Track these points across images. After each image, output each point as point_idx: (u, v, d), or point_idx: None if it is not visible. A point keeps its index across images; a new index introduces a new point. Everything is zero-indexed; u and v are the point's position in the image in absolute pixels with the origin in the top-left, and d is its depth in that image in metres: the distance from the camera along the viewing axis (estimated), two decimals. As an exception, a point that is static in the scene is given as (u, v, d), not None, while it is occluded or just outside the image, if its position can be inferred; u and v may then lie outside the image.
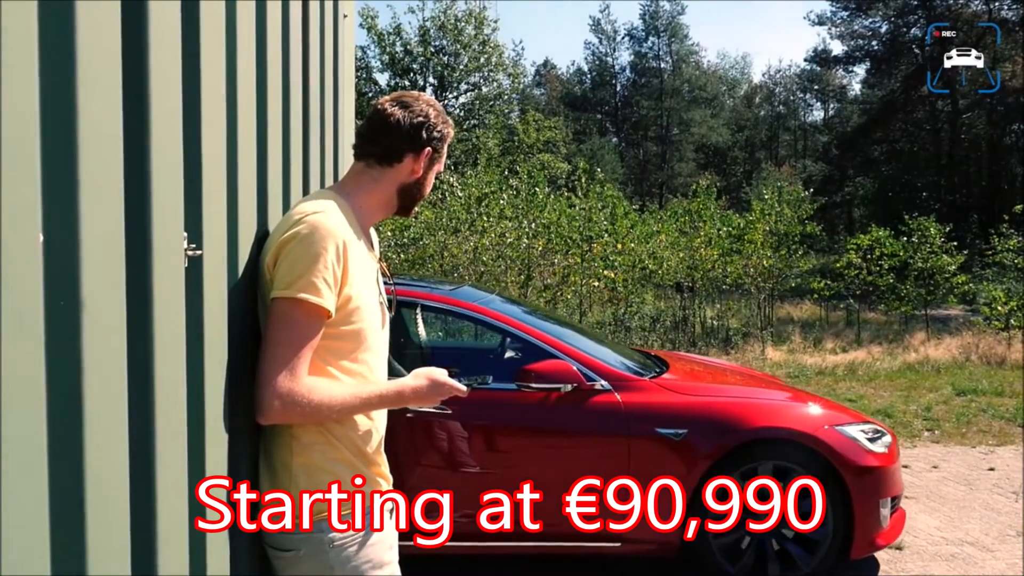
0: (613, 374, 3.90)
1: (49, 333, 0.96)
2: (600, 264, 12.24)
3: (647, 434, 3.76)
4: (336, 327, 1.70)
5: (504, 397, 3.83)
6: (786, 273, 14.46)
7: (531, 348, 3.96)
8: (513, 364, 4.24)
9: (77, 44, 1.01)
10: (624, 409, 3.79)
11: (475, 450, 3.79)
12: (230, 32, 1.57)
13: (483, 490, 3.66)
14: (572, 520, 3.70)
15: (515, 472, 3.74)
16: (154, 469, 1.26)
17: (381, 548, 1.79)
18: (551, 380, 3.76)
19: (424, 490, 3.67)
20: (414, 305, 4.12)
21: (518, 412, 3.83)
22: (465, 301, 4.21)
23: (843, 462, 3.82)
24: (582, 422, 3.81)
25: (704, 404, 3.89)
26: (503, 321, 4.11)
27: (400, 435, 3.67)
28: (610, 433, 3.78)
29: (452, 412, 3.68)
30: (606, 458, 3.76)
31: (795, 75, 52.66)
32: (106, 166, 1.09)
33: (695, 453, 3.76)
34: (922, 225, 14.48)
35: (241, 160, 1.63)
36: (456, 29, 29.96)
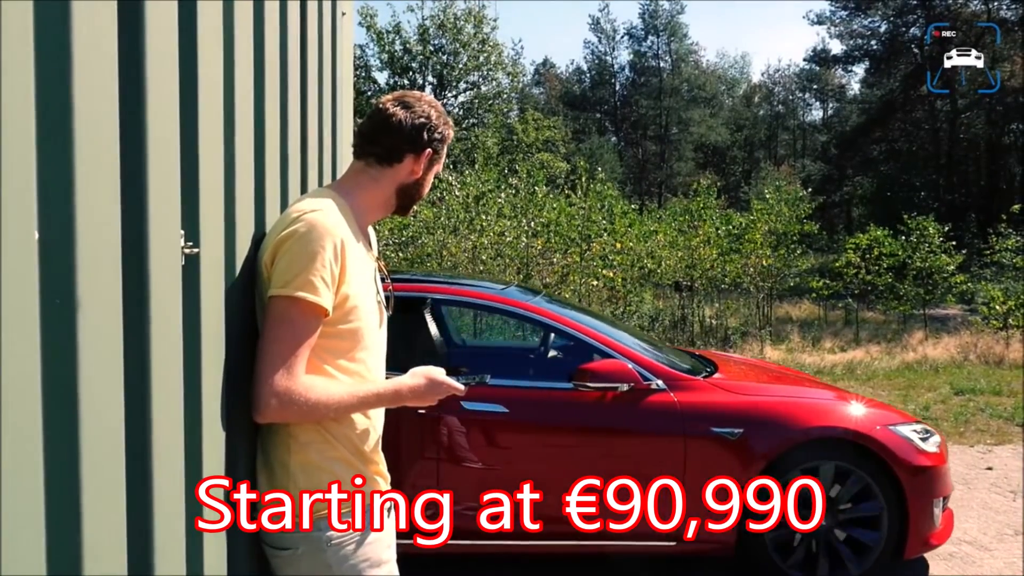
0: (668, 373, 3.91)
1: (45, 332, 0.96)
2: (599, 263, 12.23)
3: (703, 434, 3.77)
4: (334, 326, 1.70)
5: (559, 396, 3.85)
6: (785, 272, 14.47)
7: (587, 348, 3.98)
8: (560, 363, 4.25)
9: (73, 41, 1.00)
10: (680, 408, 3.79)
11: (529, 449, 3.81)
12: (227, 30, 1.57)
13: (537, 489, 3.69)
14: (633, 518, 3.73)
15: (569, 471, 3.76)
16: (151, 468, 1.26)
17: (379, 547, 1.78)
18: (608, 379, 3.76)
19: (484, 490, 3.71)
20: (468, 305, 4.13)
21: (574, 411, 3.84)
22: (520, 301, 4.26)
23: (898, 462, 3.82)
24: (638, 421, 3.82)
25: (759, 404, 3.90)
26: (558, 321, 4.13)
27: (454, 435, 3.73)
28: (666, 432, 3.78)
29: (509, 411, 3.72)
30: (662, 457, 3.77)
31: (794, 74, 52.72)
32: (102, 163, 1.09)
33: (751, 453, 3.76)
34: (921, 224, 14.49)
35: (238, 158, 1.63)
36: (455, 28, 29.96)
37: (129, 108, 1.17)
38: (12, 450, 0.89)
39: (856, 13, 36.98)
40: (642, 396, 3.80)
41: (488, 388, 3.75)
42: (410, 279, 4.40)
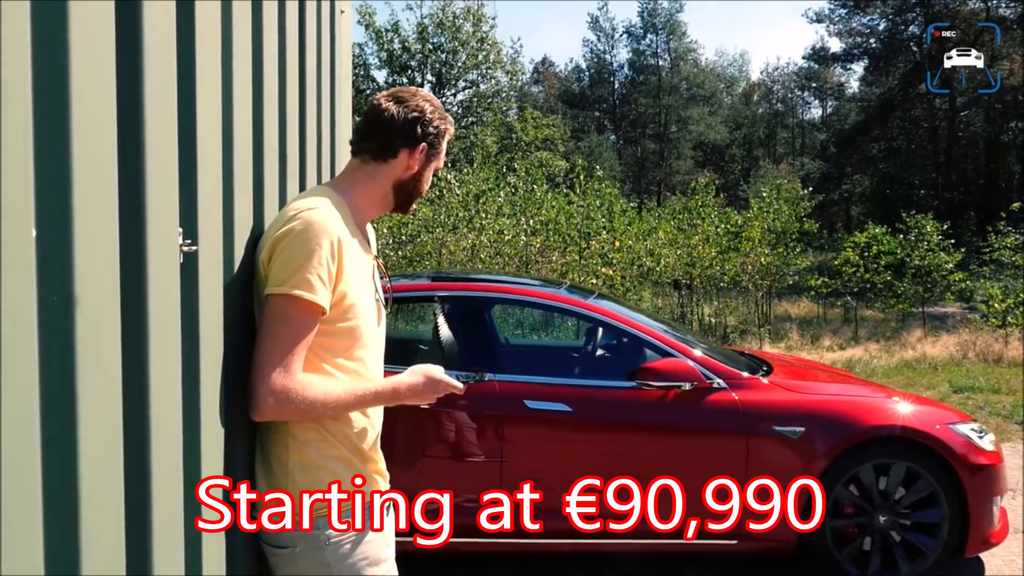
0: (728, 372, 3.93)
1: (42, 329, 0.96)
2: (598, 261, 12.23)
3: (765, 432, 3.79)
4: (331, 324, 1.69)
5: (622, 395, 3.86)
6: (784, 271, 14.47)
7: (648, 347, 3.99)
8: (618, 362, 4.28)
9: (70, 39, 1.00)
10: (741, 407, 3.81)
11: (592, 447, 3.84)
12: (226, 27, 1.56)
13: (600, 489, 3.74)
14: (697, 517, 3.76)
15: (631, 469, 3.78)
16: (149, 467, 1.25)
17: (378, 545, 1.78)
18: (671, 378, 3.78)
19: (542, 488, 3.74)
20: (530, 304, 4.15)
21: (636, 410, 3.85)
22: (580, 300, 4.29)
23: (959, 460, 3.83)
24: (700, 420, 3.83)
25: (820, 403, 3.92)
26: (619, 320, 4.14)
27: (518, 434, 3.76)
28: (728, 431, 3.80)
29: (572, 410, 3.75)
30: (724, 456, 3.79)
31: (793, 73, 52.67)
32: (100, 161, 1.08)
33: (813, 451, 3.78)
34: (919, 223, 14.49)
35: (237, 155, 1.62)
36: (454, 26, 29.95)
37: (127, 106, 1.17)
38: (10, 449, 0.89)
39: (855, 11, 36.97)
40: (704, 395, 3.82)
41: (551, 387, 3.82)
42: (470, 279, 4.45)
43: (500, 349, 4.14)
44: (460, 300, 4.12)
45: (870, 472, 3.86)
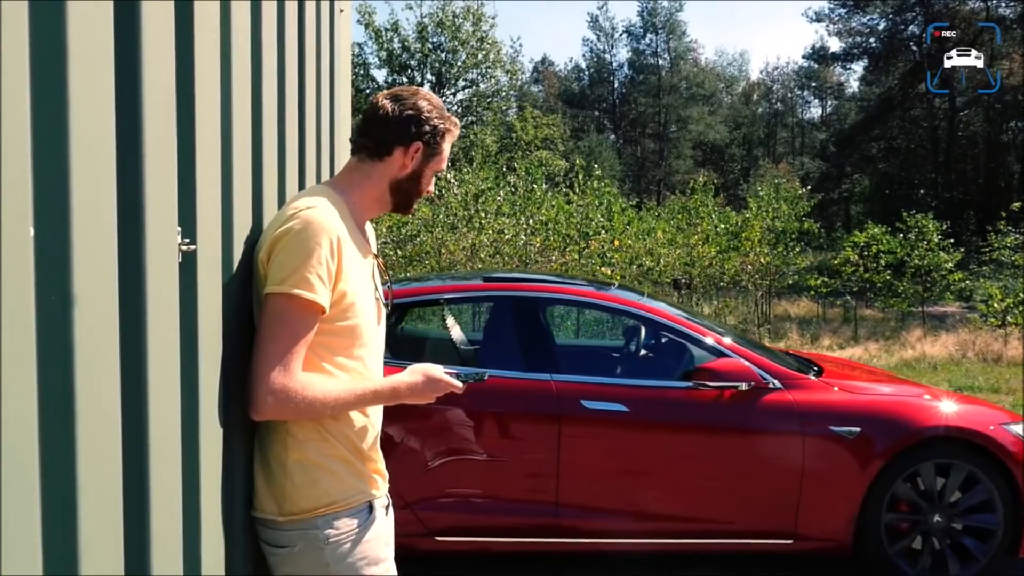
0: (783, 372, 3.94)
1: (40, 328, 0.95)
2: (597, 261, 12.23)
3: (821, 432, 3.79)
4: (331, 323, 1.69)
5: (678, 395, 3.88)
6: (783, 270, 14.48)
7: (703, 347, 4.02)
8: (672, 362, 4.31)
9: (68, 39, 1.00)
10: (797, 408, 3.82)
11: (649, 447, 3.85)
12: (224, 25, 1.56)
13: (657, 488, 3.81)
14: (749, 517, 3.81)
15: (688, 469, 3.83)
16: (148, 466, 1.25)
17: (377, 545, 1.78)
18: (729, 379, 3.79)
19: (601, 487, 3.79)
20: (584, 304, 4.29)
21: (693, 410, 3.87)
22: (634, 300, 4.32)
23: (1015, 460, 3.84)
24: (757, 420, 3.85)
25: (875, 403, 3.93)
26: (673, 320, 4.16)
27: (575, 434, 3.77)
28: (785, 431, 3.82)
29: (630, 410, 3.78)
30: (781, 456, 3.81)
31: (793, 72, 52.66)
32: (99, 160, 1.08)
33: (869, 451, 3.79)
34: (919, 222, 14.50)
35: (236, 155, 1.62)
36: (454, 26, 29.95)
37: (126, 105, 1.16)
38: (8, 449, 0.88)
39: (855, 11, 36.97)
40: (760, 395, 3.83)
41: (608, 387, 3.85)
42: (522, 279, 4.46)
43: (556, 349, 4.15)
44: (515, 301, 4.16)
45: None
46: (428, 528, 3.73)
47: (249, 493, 1.76)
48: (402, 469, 3.70)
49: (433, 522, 3.73)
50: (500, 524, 3.77)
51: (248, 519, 1.76)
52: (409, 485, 3.70)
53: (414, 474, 3.73)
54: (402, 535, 3.76)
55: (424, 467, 3.75)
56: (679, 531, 3.83)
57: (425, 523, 3.72)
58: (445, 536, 3.75)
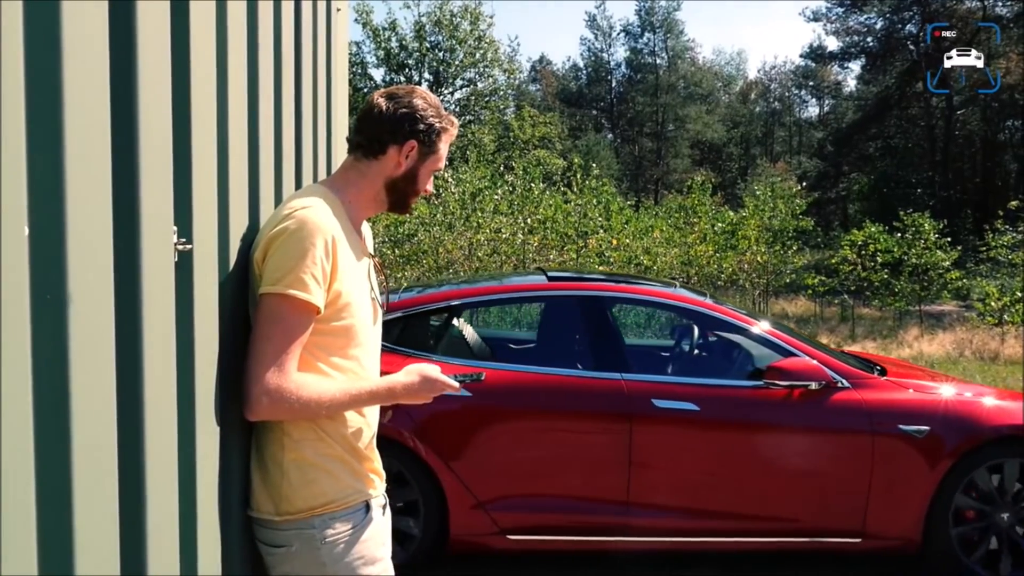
0: (851, 372, 3.97)
1: (35, 328, 0.95)
2: (595, 260, 12.23)
3: (890, 431, 3.82)
4: (326, 323, 1.69)
5: (748, 394, 3.91)
6: (781, 269, 14.50)
7: (771, 346, 4.04)
8: (738, 361, 4.34)
9: (63, 38, 0.99)
10: (866, 407, 3.84)
11: (719, 446, 3.89)
12: (220, 24, 1.56)
13: (727, 487, 3.84)
14: (818, 516, 3.84)
15: (758, 468, 3.87)
16: (144, 466, 1.25)
17: (373, 544, 1.78)
18: (800, 377, 3.82)
19: (669, 486, 3.83)
20: (646, 304, 4.34)
21: (762, 409, 3.89)
22: (696, 299, 4.35)
23: None
24: (827, 419, 3.86)
25: (943, 402, 3.95)
26: (741, 320, 4.20)
27: (646, 433, 3.80)
28: (854, 430, 3.84)
29: (700, 409, 3.81)
30: (850, 455, 3.84)
31: (790, 71, 52.65)
32: (94, 159, 1.08)
33: (938, 451, 3.81)
34: (916, 221, 14.51)
35: (232, 154, 1.62)
36: (451, 25, 29.93)
37: (121, 105, 1.16)
38: (3, 448, 0.88)
39: (852, 10, 36.99)
40: (829, 394, 3.85)
41: (679, 386, 3.88)
42: (586, 278, 4.47)
43: (625, 349, 4.19)
44: (582, 300, 4.18)
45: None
46: (500, 527, 3.78)
47: (246, 493, 1.76)
48: (474, 469, 3.75)
49: (505, 521, 3.78)
50: (571, 523, 3.82)
51: (245, 519, 1.75)
52: (481, 484, 3.76)
53: (486, 474, 3.78)
54: (475, 534, 3.76)
55: (496, 467, 3.79)
56: (748, 530, 3.87)
57: (497, 522, 3.77)
58: (517, 535, 3.79)
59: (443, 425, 3.76)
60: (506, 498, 3.79)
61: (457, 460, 3.74)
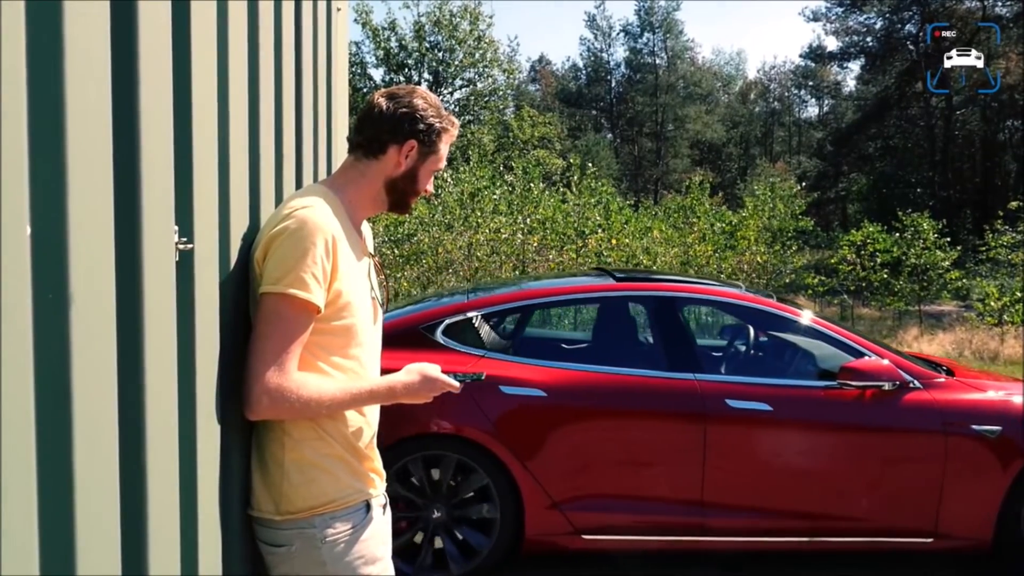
0: (922, 372, 4.00)
1: (37, 327, 0.95)
2: (594, 260, 12.23)
3: (963, 432, 3.84)
4: (326, 322, 1.69)
5: (820, 394, 3.93)
6: (780, 269, 14.48)
7: (841, 347, 4.06)
8: (807, 362, 4.37)
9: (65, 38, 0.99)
10: (939, 407, 3.86)
11: (793, 447, 3.92)
12: (221, 24, 1.56)
13: (800, 487, 3.86)
14: (889, 516, 3.87)
15: (831, 467, 3.90)
16: (144, 465, 1.25)
17: (374, 544, 1.78)
18: (874, 378, 3.85)
19: (742, 486, 3.85)
20: (718, 305, 4.43)
21: (835, 409, 3.92)
22: (765, 299, 4.38)
23: None
24: (900, 419, 3.89)
25: (1014, 403, 3.96)
26: (812, 321, 4.22)
27: (720, 433, 3.83)
28: (927, 430, 3.86)
29: (773, 409, 3.83)
30: (923, 455, 3.86)
31: (790, 71, 52.64)
32: (95, 158, 1.08)
33: (1010, 451, 3.83)
34: (916, 221, 14.51)
35: (233, 153, 1.62)
36: (451, 25, 29.91)
37: (123, 103, 1.16)
38: (4, 447, 0.88)
39: (852, 10, 36.99)
40: (902, 394, 3.88)
41: (752, 386, 3.91)
42: (655, 279, 4.50)
43: (698, 349, 4.24)
44: (654, 300, 4.22)
45: None
46: (575, 527, 3.80)
47: (246, 492, 1.76)
48: (549, 470, 3.77)
49: (580, 521, 3.81)
50: (645, 523, 3.85)
51: (245, 518, 1.75)
52: (556, 485, 3.78)
53: (561, 474, 3.80)
54: (550, 534, 3.79)
55: (570, 467, 3.82)
56: (820, 530, 3.89)
57: (572, 522, 3.80)
58: (591, 535, 3.82)
59: (518, 425, 3.79)
60: (581, 498, 3.82)
61: (532, 460, 3.77)
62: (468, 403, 3.73)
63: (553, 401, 3.80)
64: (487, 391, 3.77)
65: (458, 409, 3.74)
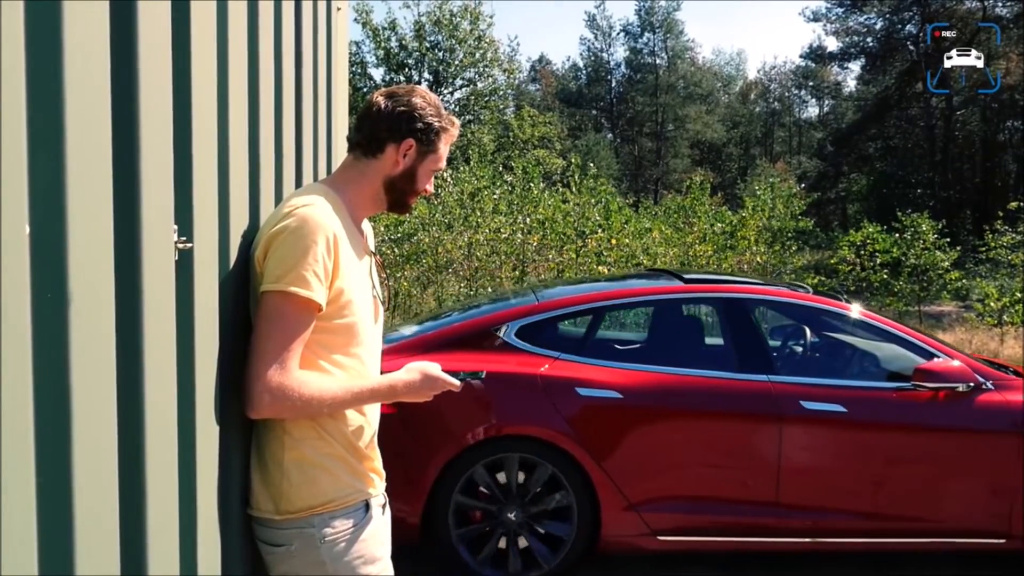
0: (993, 374, 4.01)
1: (36, 327, 0.95)
2: (594, 259, 12.23)
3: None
4: (328, 321, 1.69)
5: (894, 396, 3.94)
6: (780, 269, 14.47)
7: (912, 348, 4.07)
8: (878, 363, 4.38)
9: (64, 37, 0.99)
10: (1012, 408, 3.88)
11: (867, 448, 3.93)
12: (221, 23, 1.56)
13: (874, 488, 3.88)
14: (964, 517, 3.88)
15: (905, 468, 3.91)
16: (144, 465, 1.25)
17: (373, 544, 1.78)
18: (949, 379, 3.87)
19: (817, 487, 3.87)
20: (792, 307, 4.45)
21: (909, 410, 3.93)
22: (834, 301, 4.40)
23: None
24: (974, 421, 3.91)
25: None
26: (880, 322, 4.24)
27: (795, 434, 3.84)
28: (1002, 431, 3.88)
29: (847, 410, 3.85)
30: (997, 456, 3.88)
31: (790, 71, 52.64)
32: (95, 157, 1.08)
33: None
34: (916, 221, 14.50)
35: (232, 153, 1.62)
36: (451, 24, 29.90)
37: (122, 102, 1.16)
38: (3, 447, 0.88)
39: (852, 10, 36.99)
40: (975, 396, 3.89)
41: (827, 388, 3.92)
42: (723, 280, 4.49)
43: (770, 350, 4.27)
44: (725, 302, 4.23)
45: None
46: (651, 528, 3.82)
47: (246, 492, 1.76)
48: (625, 470, 3.79)
49: (656, 522, 3.82)
50: (720, 523, 3.86)
51: (244, 518, 1.75)
52: (632, 487, 3.80)
53: (637, 476, 3.82)
54: (626, 535, 3.81)
55: (646, 468, 3.83)
56: (894, 531, 3.91)
57: (648, 523, 3.81)
58: (667, 536, 3.84)
59: (595, 427, 3.81)
60: (656, 500, 3.84)
61: (609, 461, 3.79)
62: (545, 405, 3.77)
63: (629, 403, 3.82)
64: (563, 393, 3.80)
65: (535, 411, 3.78)
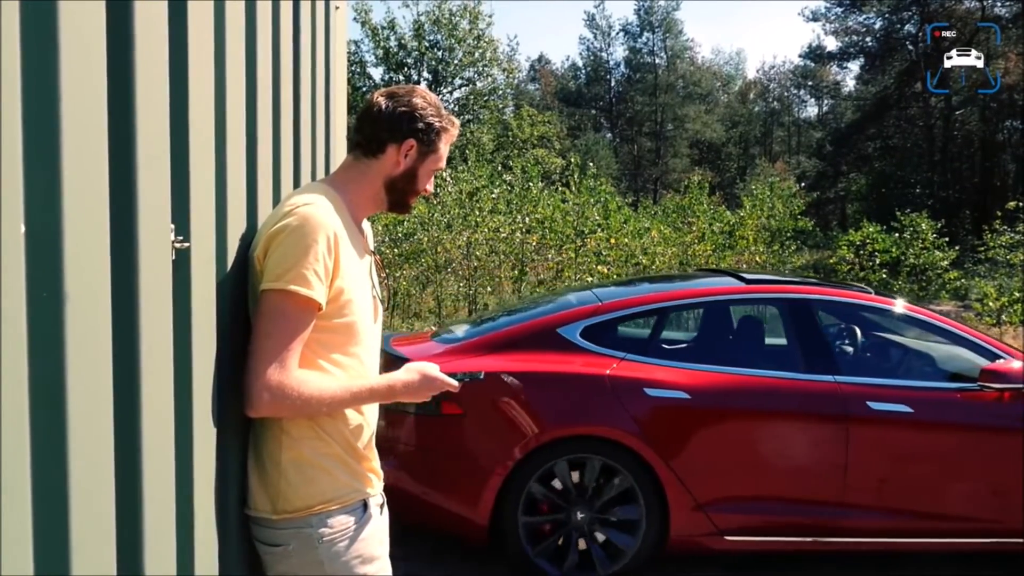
0: None
1: (32, 326, 0.95)
2: (593, 259, 12.23)
3: None
4: (327, 320, 1.68)
5: (959, 396, 3.96)
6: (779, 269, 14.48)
7: (975, 349, 4.10)
8: (940, 364, 4.39)
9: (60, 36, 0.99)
10: None
11: (933, 448, 3.94)
12: (219, 22, 1.55)
13: (940, 488, 3.90)
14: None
15: (973, 470, 3.93)
16: (140, 465, 1.24)
17: (371, 543, 1.78)
18: (1016, 380, 3.88)
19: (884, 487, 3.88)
20: (855, 308, 4.43)
21: (973, 411, 3.95)
22: (892, 301, 4.39)
23: None
24: None
25: None
26: (941, 321, 4.26)
27: (862, 435, 3.84)
28: None
29: (914, 411, 3.86)
30: None
31: (789, 71, 52.61)
32: (91, 157, 1.07)
33: None
34: (915, 221, 14.53)
35: (230, 152, 1.61)
36: (451, 24, 29.92)
37: (119, 101, 1.16)
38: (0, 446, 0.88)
39: (851, 10, 37.02)
40: None
41: (893, 389, 3.94)
42: (781, 281, 4.49)
43: (836, 350, 4.29)
44: (789, 303, 4.24)
45: None
46: (718, 528, 3.83)
47: (243, 492, 1.75)
48: (693, 470, 3.80)
49: (723, 522, 3.83)
50: (787, 524, 3.87)
51: (242, 518, 1.75)
52: (699, 487, 3.81)
53: (704, 475, 3.82)
54: (694, 535, 3.81)
55: (714, 468, 3.84)
56: (960, 531, 3.92)
57: (715, 523, 3.82)
58: (734, 536, 3.84)
59: (663, 427, 3.81)
60: (724, 499, 3.84)
61: (676, 461, 3.79)
62: (613, 405, 3.77)
63: (697, 403, 3.83)
64: (631, 393, 3.80)
65: (602, 411, 3.78)
